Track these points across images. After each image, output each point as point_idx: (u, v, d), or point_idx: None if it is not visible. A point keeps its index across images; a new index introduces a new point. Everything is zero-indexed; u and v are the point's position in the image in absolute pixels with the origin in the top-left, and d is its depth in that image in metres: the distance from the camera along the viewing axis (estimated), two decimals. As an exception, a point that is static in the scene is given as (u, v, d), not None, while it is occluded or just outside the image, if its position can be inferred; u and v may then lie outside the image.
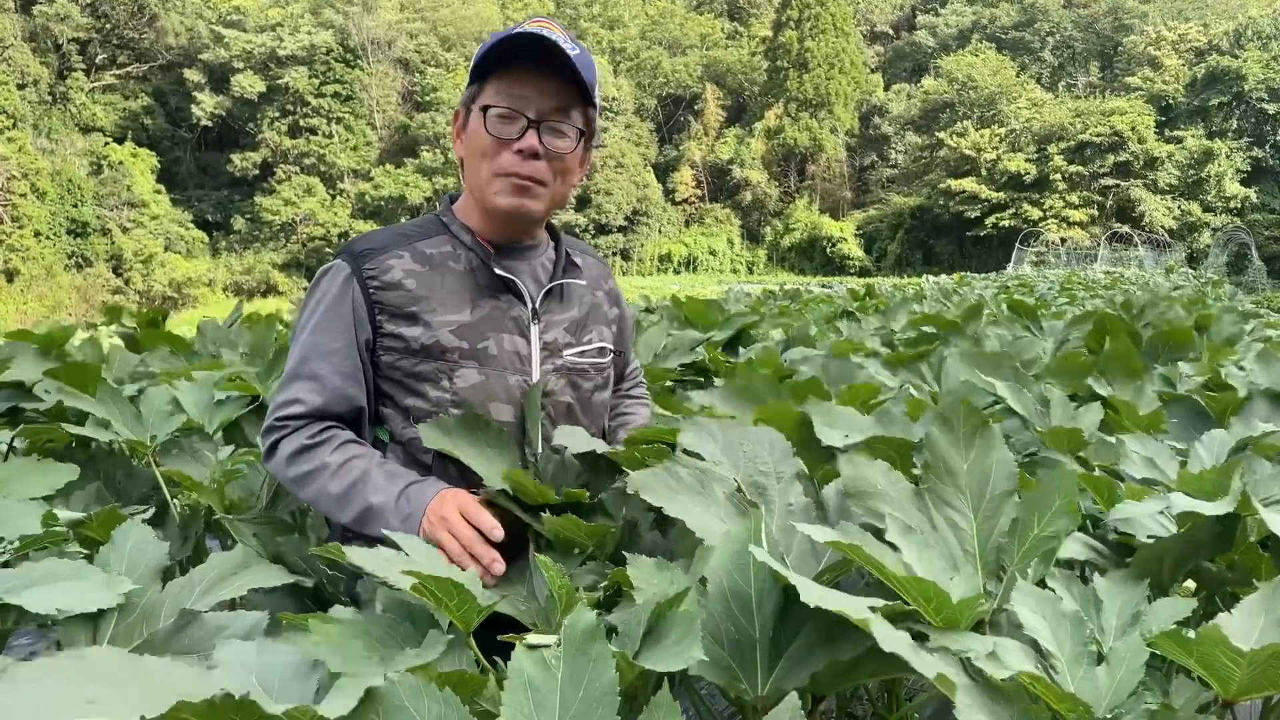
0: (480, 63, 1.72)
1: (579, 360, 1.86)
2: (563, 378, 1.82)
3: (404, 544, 1.21)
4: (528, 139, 1.70)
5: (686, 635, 0.96)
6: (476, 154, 1.74)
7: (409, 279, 1.70)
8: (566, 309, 1.86)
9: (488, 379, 1.72)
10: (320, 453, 1.65)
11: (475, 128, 1.73)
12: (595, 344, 1.89)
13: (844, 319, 6.18)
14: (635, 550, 1.48)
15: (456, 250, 1.77)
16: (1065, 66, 64.12)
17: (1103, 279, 19.83)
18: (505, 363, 1.74)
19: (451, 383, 1.70)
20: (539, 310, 1.80)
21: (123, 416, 1.91)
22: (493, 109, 1.70)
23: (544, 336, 1.80)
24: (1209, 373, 2.40)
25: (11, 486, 1.40)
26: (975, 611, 1.05)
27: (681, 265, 60.08)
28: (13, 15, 47.20)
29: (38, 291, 41.09)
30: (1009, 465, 1.17)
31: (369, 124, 56.12)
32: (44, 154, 44.63)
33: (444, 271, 1.74)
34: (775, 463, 1.38)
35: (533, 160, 1.71)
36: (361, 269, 1.70)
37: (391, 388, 1.73)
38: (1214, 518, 1.09)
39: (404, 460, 1.73)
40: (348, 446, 1.67)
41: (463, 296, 1.73)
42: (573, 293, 1.88)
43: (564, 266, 1.87)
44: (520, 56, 1.69)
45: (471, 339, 1.71)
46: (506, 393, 1.74)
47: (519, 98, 1.69)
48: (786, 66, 61.37)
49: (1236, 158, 48.76)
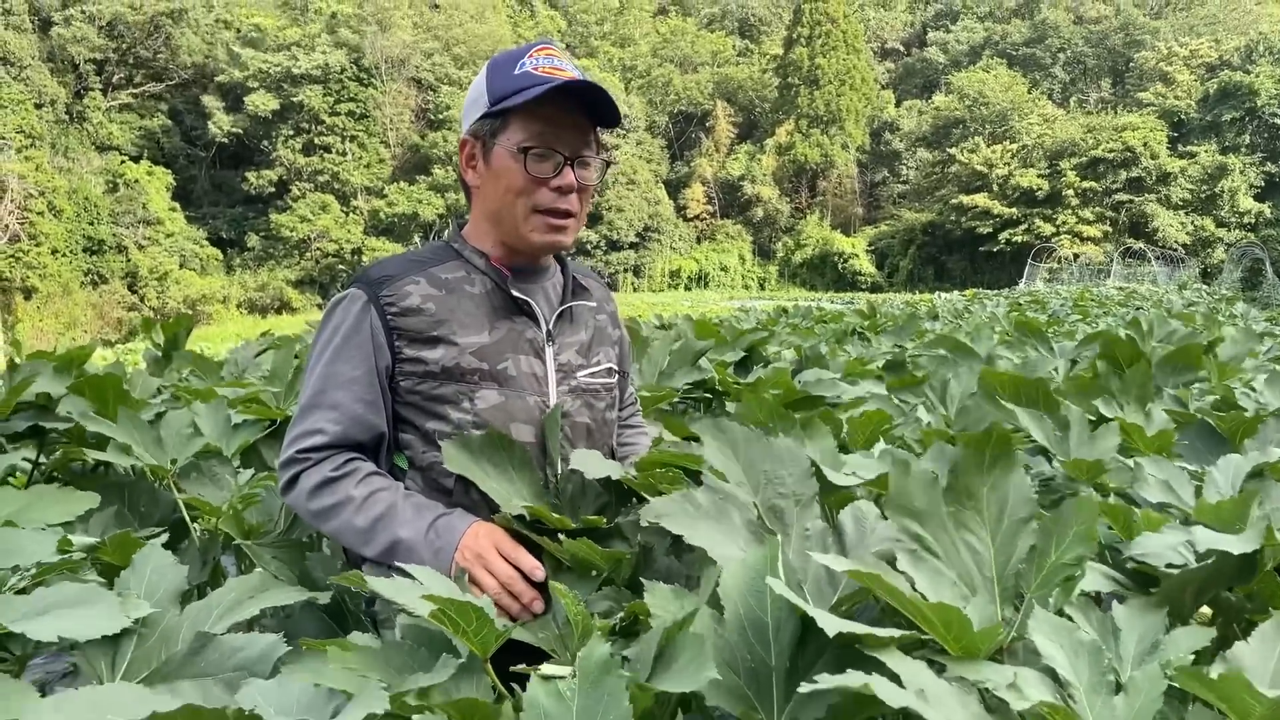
0: (502, 98, 1.72)
1: (591, 381, 1.88)
2: (578, 398, 1.84)
3: (433, 580, 1.21)
4: (566, 176, 1.73)
5: (697, 656, 0.97)
6: (507, 190, 1.75)
7: (428, 303, 1.71)
8: (577, 331, 1.89)
9: (508, 400, 1.73)
10: (344, 486, 1.64)
11: (508, 165, 1.73)
12: (604, 365, 1.93)
13: (854, 337, 6.18)
14: (652, 575, 1.48)
15: (471, 275, 1.79)
16: (1077, 82, 64.08)
17: (1116, 295, 19.76)
18: (524, 384, 1.76)
19: (473, 404, 1.71)
20: (552, 332, 1.82)
21: (143, 440, 1.92)
22: (533, 150, 1.71)
23: (558, 358, 1.82)
24: (1221, 393, 2.39)
25: (31, 514, 1.41)
26: (994, 641, 1.05)
27: (692, 281, 60.14)
28: (31, 36, 47.74)
29: (54, 308, 41.41)
30: (1026, 491, 1.17)
31: (382, 142, 56.48)
32: (61, 172, 45.06)
33: (460, 295, 1.75)
34: (794, 484, 1.38)
35: (567, 195, 1.75)
36: (379, 295, 1.71)
37: (411, 413, 1.74)
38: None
39: (424, 486, 1.73)
40: (371, 479, 1.66)
41: (481, 318, 1.75)
42: (581, 315, 1.91)
43: (573, 289, 1.90)
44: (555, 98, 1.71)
45: (492, 360, 1.73)
46: (526, 413, 1.75)
47: (553, 136, 1.72)
48: (797, 83, 61.53)
49: (1250, 173, 48.60)
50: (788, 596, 1.03)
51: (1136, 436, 1.80)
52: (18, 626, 1.10)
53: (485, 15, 59.62)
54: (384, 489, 1.65)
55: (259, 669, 1.23)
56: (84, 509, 1.49)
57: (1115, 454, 1.70)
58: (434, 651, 1.15)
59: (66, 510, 1.46)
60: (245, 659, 1.25)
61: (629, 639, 1.24)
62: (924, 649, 1.08)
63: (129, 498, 1.95)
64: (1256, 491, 1.24)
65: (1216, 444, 1.77)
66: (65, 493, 1.52)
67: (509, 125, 1.73)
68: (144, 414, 2.42)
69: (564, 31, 69.47)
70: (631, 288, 57.90)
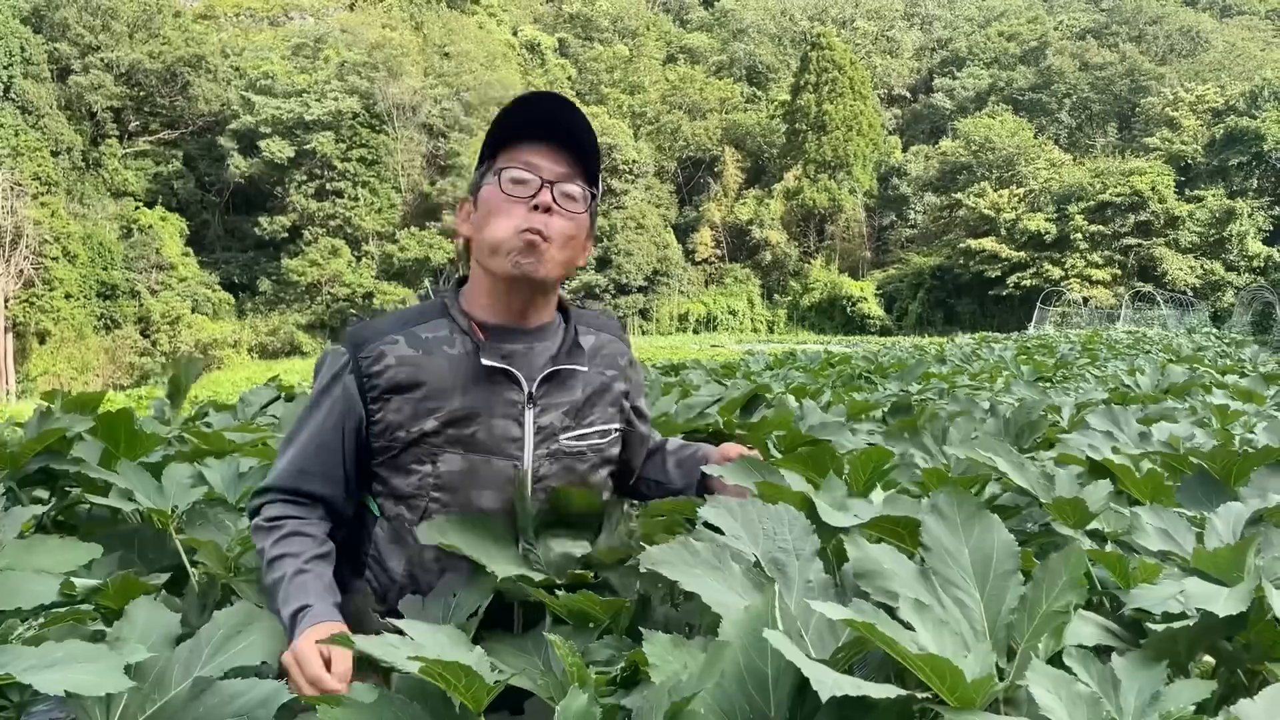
0: (491, 142, 1.80)
1: (577, 444, 1.84)
2: (557, 462, 1.80)
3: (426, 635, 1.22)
4: (542, 195, 1.74)
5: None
6: (488, 216, 1.77)
7: (400, 367, 1.73)
8: (568, 393, 1.83)
9: (471, 465, 1.74)
10: (266, 538, 1.72)
11: (491, 193, 1.77)
12: (597, 426, 1.87)
13: (860, 380, 6.19)
14: (651, 624, 1.48)
15: (453, 334, 1.78)
16: (1083, 127, 64.49)
17: (1125, 339, 19.72)
18: (494, 448, 1.75)
19: (435, 467, 1.73)
20: (535, 395, 1.78)
21: (144, 489, 1.95)
22: (507, 170, 1.75)
23: (539, 420, 1.78)
24: (1221, 438, 2.39)
25: (35, 562, 1.42)
26: (990, 691, 1.04)
27: (700, 325, 60.26)
28: (49, 84, 48.51)
29: (67, 353, 41.70)
30: (1010, 545, 1.19)
31: (394, 187, 57.03)
32: (76, 218, 45.65)
33: (437, 356, 1.75)
34: (795, 540, 1.39)
35: (545, 215, 1.74)
36: (357, 356, 1.75)
37: (380, 468, 1.78)
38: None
39: (390, 535, 1.77)
40: (287, 541, 1.71)
41: (454, 382, 1.74)
42: (574, 377, 1.85)
43: (568, 349, 1.84)
44: (532, 128, 1.77)
45: (459, 425, 1.73)
46: (493, 479, 1.75)
47: (532, 164, 1.76)
48: (805, 129, 62.06)
49: (1258, 217, 48.70)
50: (785, 651, 1.03)
51: (1127, 480, 1.80)
52: (26, 678, 1.12)
53: (496, 63, 60.46)
54: (289, 555, 1.68)
55: (260, 715, 1.23)
56: (86, 559, 1.50)
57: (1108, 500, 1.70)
58: (429, 706, 1.14)
59: (69, 560, 1.47)
60: (245, 705, 1.24)
61: (630, 689, 1.24)
62: (923, 700, 1.08)
63: (137, 543, 1.98)
64: (1255, 538, 1.23)
65: (1215, 490, 1.77)
66: (68, 543, 1.53)
67: (496, 161, 1.79)
68: (153, 454, 2.46)
69: (574, 79, 70.35)
70: (640, 331, 58.00)
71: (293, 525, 1.72)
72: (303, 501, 1.76)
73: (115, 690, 1.11)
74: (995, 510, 1.40)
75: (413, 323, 1.79)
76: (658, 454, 2.11)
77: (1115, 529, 1.60)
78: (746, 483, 1.70)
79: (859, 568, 1.24)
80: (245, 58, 56.96)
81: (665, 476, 2.07)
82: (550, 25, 74.42)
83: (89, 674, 1.11)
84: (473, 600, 1.56)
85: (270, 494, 1.77)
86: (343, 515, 1.81)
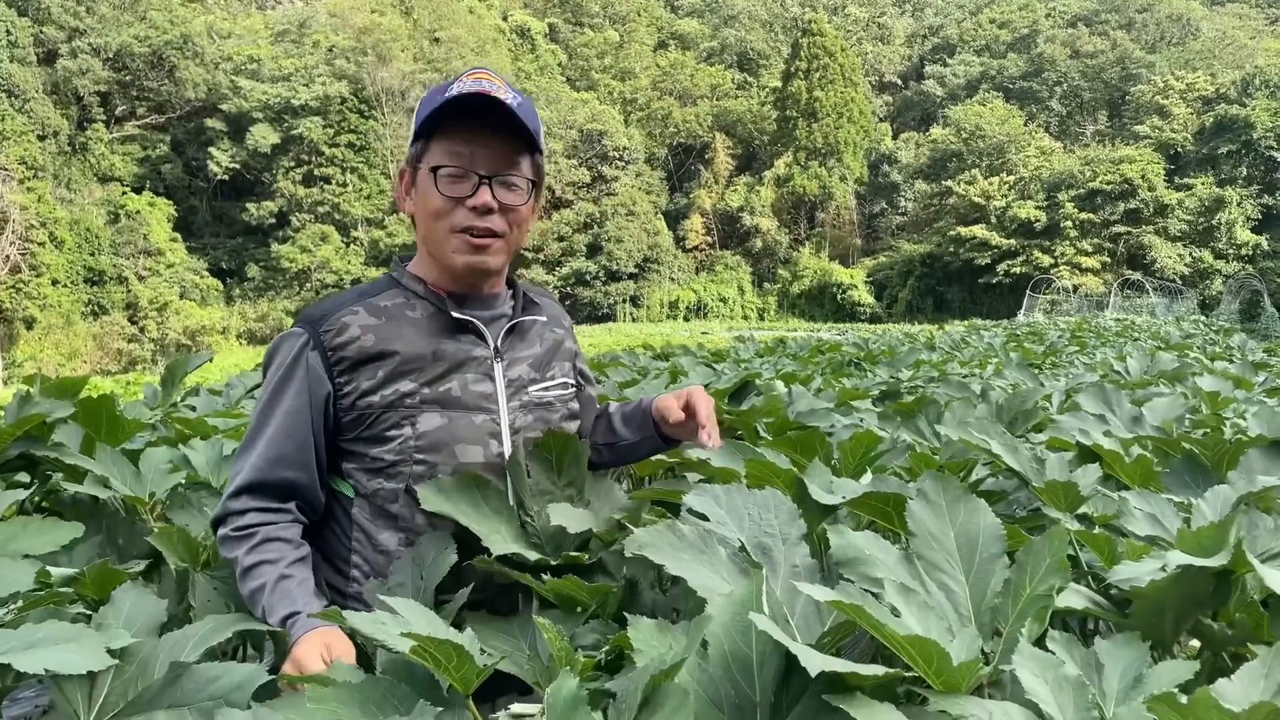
0: (423, 123, 1.73)
1: (545, 394, 1.87)
2: (530, 413, 1.83)
3: (415, 614, 1.21)
4: (480, 195, 1.71)
5: (680, 709, 0.95)
6: (429, 214, 1.75)
7: (366, 334, 1.71)
8: (529, 346, 1.88)
9: (451, 421, 1.73)
10: (238, 547, 1.64)
11: (426, 189, 1.74)
12: (558, 379, 1.92)
13: (850, 367, 6.19)
14: (637, 609, 1.47)
15: (411, 301, 1.79)
16: (1073, 115, 64.56)
17: (1113, 326, 19.80)
18: (470, 403, 1.75)
19: (415, 428, 1.70)
20: (501, 349, 1.81)
21: (121, 475, 1.94)
22: (443, 169, 1.71)
23: (508, 374, 1.81)
24: (1211, 425, 2.39)
25: (17, 544, 1.41)
26: (976, 674, 1.04)
27: (691, 312, 60.23)
28: (35, 68, 48.08)
29: (55, 339, 41.46)
30: (996, 529, 1.19)
31: (382, 173, 56.77)
32: (63, 203, 45.31)
33: (400, 321, 1.75)
34: (781, 525, 1.38)
35: (486, 215, 1.73)
36: (318, 330, 1.72)
37: (353, 442, 1.74)
38: (1210, 571, 1.09)
39: (370, 513, 1.74)
40: (262, 548, 1.64)
41: (421, 343, 1.74)
42: (533, 329, 1.90)
43: (523, 305, 1.89)
44: (463, 115, 1.71)
45: (433, 383, 1.73)
46: (473, 433, 1.75)
47: (466, 156, 1.71)
48: (796, 116, 61.95)
49: (1247, 205, 48.83)
50: (770, 632, 1.02)
51: (1117, 465, 1.80)
52: (5, 658, 1.11)
53: (486, 49, 60.12)
54: (266, 562, 1.62)
55: (236, 698, 1.21)
56: (68, 539, 1.49)
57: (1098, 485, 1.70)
58: (415, 687, 1.14)
59: (50, 540, 1.46)
60: (222, 688, 1.23)
61: (615, 673, 1.23)
62: (908, 682, 1.08)
63: (113, 530, 1.95)
64: (1235, 517, 1.24)
65: (1203, 476, 1.77)
66: (49, 524, 1.52)
67: (429, 149, 1.74)
68: (136, 439, 2.44)
69: (565, 65, 70.11)
70: (630, 318, 57.98)
71: (265, 532, 1.66)
72: (272, 505, 1.70)
73: (98, 668, 1.10)
74: (982, 495, 1.40)
75: (367, 295, 1.79)
76: (602, 418, 2.13)
77: (1104, 513, 1.60)
78: (734, 465, 1.69)
79: (841, 555, 1.23)
80: (232, 42, 56.51)
81: (614, 436, 2.09)
82: (540, 10, 74.02)
83: (70, 654, 1.10)
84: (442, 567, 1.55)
85: (241, 498, 1.69)
86: (315, 508, 1.77)
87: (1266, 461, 1.80)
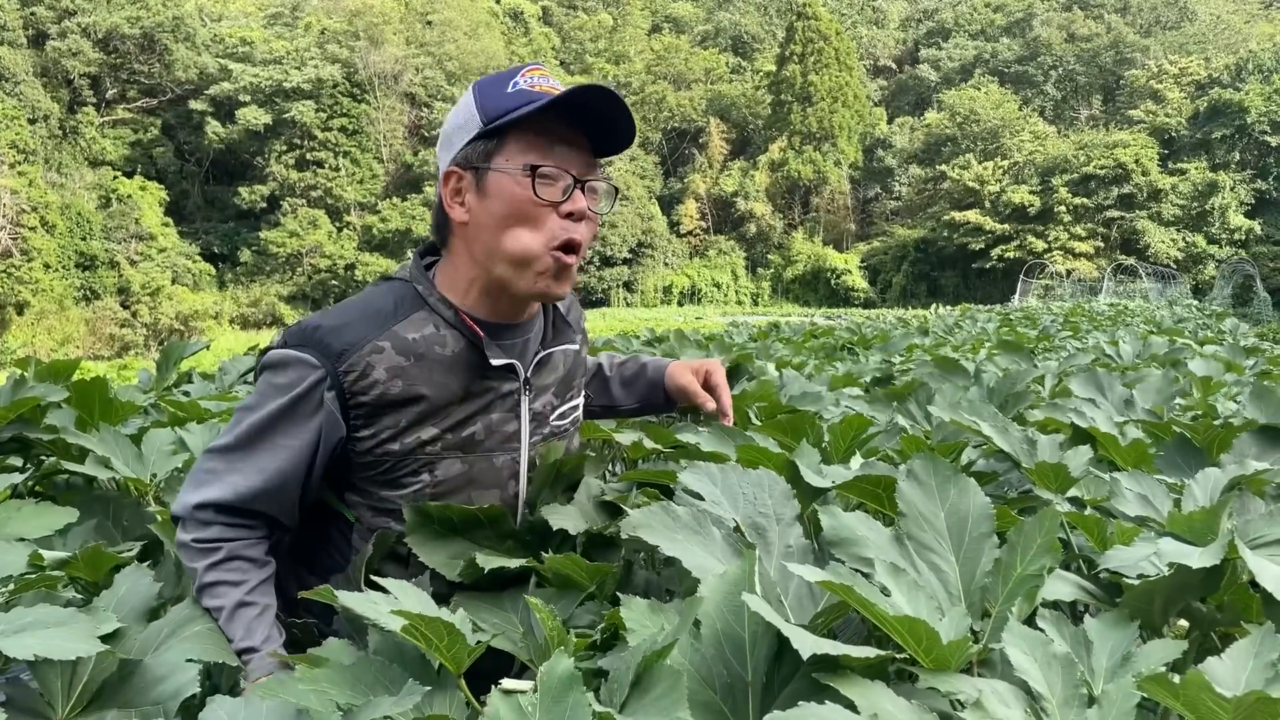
0: (497, 116, 1.51)
1: (562, 422, 1.75)
2: (546, 444, 1.71)
3: (406, 594, 1.21)
4: (577, 200, 1.53)
5: (672, 690, 0.96)
6: (507, 219, 1.52)
7: (393, 380, 1.52)
8: (554, 370, 1.73)
9: (471, 466, 1.60)
10: (197, 560, 1.50)
11: (509, 190, 1.51)
12: (575, 400, 1.80)
13: (844, 352, 6.20)
14: (632, 589, 1.48)
15: (441, 331, 1.57)
16: (1068, 99, 64.52)
17: (1107, 311, 19.83)
18: (492, 445, 1.62)
19: (433, 475, 1.58)
20: (530, 379, 1.66)
21: (123, 455, 1.92)
22: (541, 168, 1.50)
23: (533, 406, 1.67)
24: (1202, 408, 2.40)
25: (9, 528, 1.40)
26: (965, 653, 1.05)
27: (685, 297, 60.26)
28: (25, 51, 47.75)
29: (47, 324, 41.33)
30: (986, 509, 1.19)
31: (375, 157, 56.57)
32: (54, 188, 45.10)
33: (430, 362, 1.55)
34: (775, 505, 1.39)
35: (578, 224, 1.55)
36: (337, 371, 1.51)
37: (364, 481, 1.60)
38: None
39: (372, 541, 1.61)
40: (221, 568, 1.49)
41: (452, 386, 1.57)
42: (559, 352, 1.74)
43: (554, 325, 1.74)
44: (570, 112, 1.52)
45: (456, 428, 1.58)
46: (492, 476, 1.63)
47: (563, 155, 1.52)
48: (790, 100, 61.86)
49: (1240, 190, 48.91)
50: (762, 612, 1.03)
51: (1111, 447, 1.81)
52: (0, 641, 1.11)
53: (479, 32, 59.87)
54: (227, 583, 1.48)
55: (170, 706, 1.18)
56: (62, 523, 1.48)
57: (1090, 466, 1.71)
58: (407, 667, 1.14)
59: (45, 525, 1.45)
60: (161, 694, 1.19)
61: (607, 652, 1.24)
62: (899, 661, 1.08)
63: (112, 512, 1.94)
64: (1227, 501, 1.24)
65: (1196, 458, 1.78)
66: (43, 508, 1.51)
67: (506, 145, 1.51)
68: (129, 423, 2.43)
69: (558, 48, 69.84)
70: (624, 303, 57.98)
71: (230, 548, 1.51)
72: (241, 522, 1.54)
73: (86, 654, 1.10)
74: (974, 477, 1.40)
75: (390, 320, 1.55)
76: (597, 376, 2.03)
77: (1095, 495, 1.61)
78: (725, 450, 1.69)
79: (833, 536, 1.24)
80: (224, 25, 56.18)
81: (610, 399, 2.02)
82: (534, -7, 73.75)
83: (59, 638, 1.10)
84: None
85: (207, 510, 1.51)
86: (288, 528, 1.63)
87: (1259, 446, 1.81)
